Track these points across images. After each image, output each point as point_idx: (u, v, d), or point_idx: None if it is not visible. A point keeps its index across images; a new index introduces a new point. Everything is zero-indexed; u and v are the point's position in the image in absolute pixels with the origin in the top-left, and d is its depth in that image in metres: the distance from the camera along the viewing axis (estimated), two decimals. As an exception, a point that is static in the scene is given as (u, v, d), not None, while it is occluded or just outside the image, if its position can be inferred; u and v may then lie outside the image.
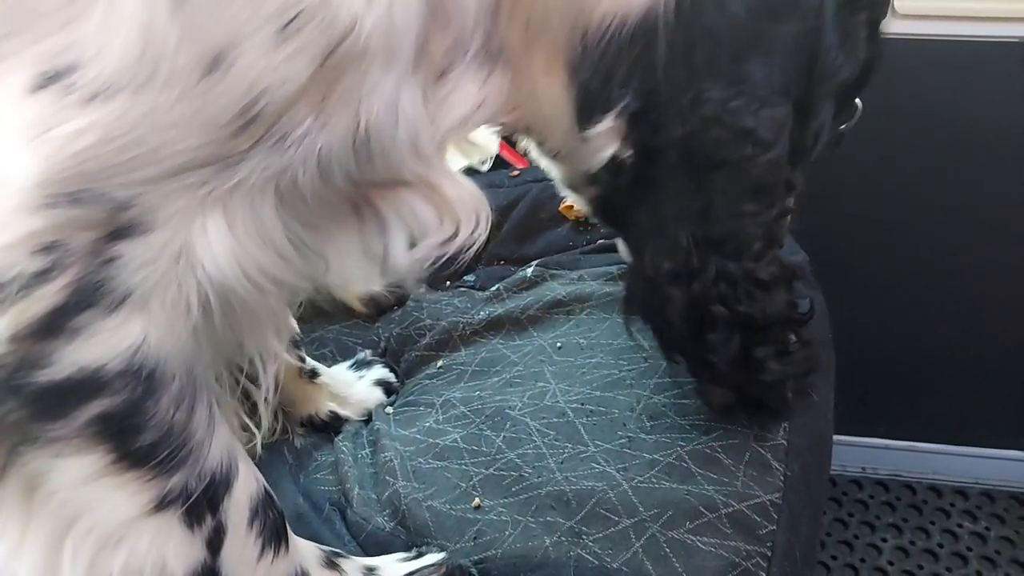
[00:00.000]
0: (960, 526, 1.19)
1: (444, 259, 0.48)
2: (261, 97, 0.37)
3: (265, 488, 0.47)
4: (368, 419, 0.71)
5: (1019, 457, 1.24)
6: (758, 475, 0.58)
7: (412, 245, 0.48)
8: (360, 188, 0.45)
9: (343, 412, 0.70)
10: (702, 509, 0.55)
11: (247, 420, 0.61)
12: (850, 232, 1.16)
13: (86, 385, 0.37)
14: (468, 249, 0.48)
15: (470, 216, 0.48)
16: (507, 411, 0.66)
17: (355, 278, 0.50)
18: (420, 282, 0.51)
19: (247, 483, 0.45)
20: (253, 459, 0.63)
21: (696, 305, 0.51)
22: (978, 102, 1.07)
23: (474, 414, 0.66)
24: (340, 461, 0.65)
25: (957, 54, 1.04)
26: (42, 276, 0.36)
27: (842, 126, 0.86)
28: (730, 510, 0.55)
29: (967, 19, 1.02)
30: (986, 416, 1.25)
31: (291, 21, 0.37)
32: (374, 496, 0.61)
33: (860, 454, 1.28)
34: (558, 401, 0.66)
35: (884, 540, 1.17)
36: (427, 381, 0.73)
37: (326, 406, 0.70)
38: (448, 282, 0.85)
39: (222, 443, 0.43)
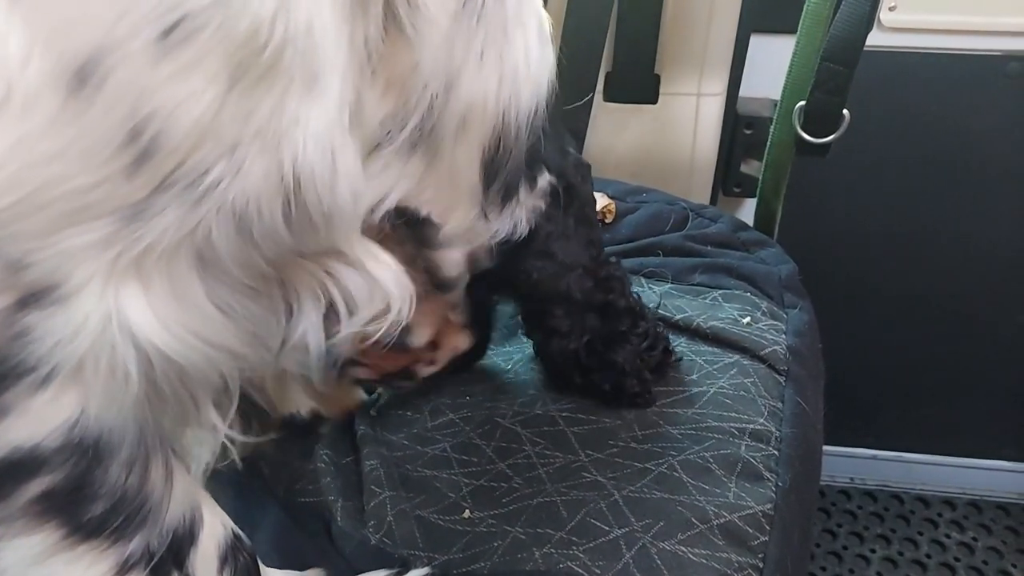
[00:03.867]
0: (948, 536, 1.19)
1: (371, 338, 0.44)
2: (149, 122, 0.31)
3: (233, 531, 0.45)
4: (350, 423, 0.69)
5: (1005, 467, 1.25)
6: (750, 486, 0.58)
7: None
8: (293, 255, 0.39)
9: (325, 411, 0.69)
10: (694, 520, 0.55)
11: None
12: (838, 242, 1.17)
13: (23, 465, 0.34)
14: (395, 327, 0.45)
15: (399, 294, 0.44)
16: (497, 419, 0.65)
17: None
18: (329, 368, 0.51)
19: (213, 531, 0.43)
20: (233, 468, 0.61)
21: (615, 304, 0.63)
22: (964, 113, 1.08)
23: (464, 422, 0.65)
24: (321, 471, 0.63)
25: (942, 67, 1.05)
26: None
27: (830, 137, 0.87)
28: (722, 521, 0.55)
29: (952, 32, 1.04)
30: (973, 426, 1.25)
31: (175, 26, 0.30)
32: (359, 507, 0.60)
33: (849, 464, 1.28)
34: (549, 409, 0.65)
35: (873, 551, 1.18)
36: (414, 382, 0.72)
37: (307, 404, 0.69)
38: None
39: (182, 497, 0.40)
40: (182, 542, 0.40)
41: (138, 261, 0.33)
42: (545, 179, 0.54)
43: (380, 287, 0.43)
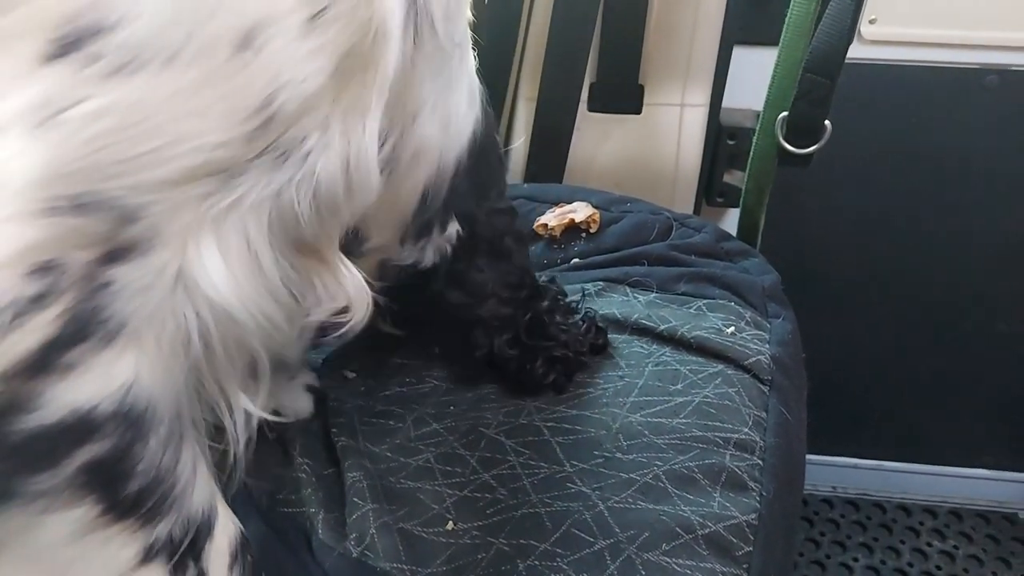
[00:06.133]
0: (929, 545, 1.20)
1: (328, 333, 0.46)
2: (281, 91, 0.33)
3: (241, 531, 0.44)
4: (325, 431, 0.68)
5: (985, 475, 1.26)
6: (735, 496, 0.58)
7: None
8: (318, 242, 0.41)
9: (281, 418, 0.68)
10: (679, 530, 0.55)
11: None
12: (820, 253, 1.18)
13: (78, 429, 0.33)
14: (348, 332, 0.46)
15: (357, 300, 0.45)
16: (481, 429, 0.64)
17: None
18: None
19: (226, 527, 0.42)
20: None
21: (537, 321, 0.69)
22: (943, 125, 1.10)
23: (448, 432, 0.65)
24: (302, 481, 0.62)
25: (922, 79, 1.07)
26: (37, 303, 0.31)
27: (812, 147, 0.88)
28: (707, 531, 0.55)
29: (932, 45, 1.05)
30: (954, 435, 1.27)
31: (321, 12, 0.33)
32: (341, 519, 0.59)
33: (831, 473, 1.29)
34: (534, 419, 0.65)
35: (855, 559, 1.18)
36: (398, 389, 0.71)
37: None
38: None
39: (204, 487, 0.40)
40: (200, 534, 0.40)
41: (220, 217, 0.34)
42: (454, 226, 0.59)
43: (343, 291, 0.45)
